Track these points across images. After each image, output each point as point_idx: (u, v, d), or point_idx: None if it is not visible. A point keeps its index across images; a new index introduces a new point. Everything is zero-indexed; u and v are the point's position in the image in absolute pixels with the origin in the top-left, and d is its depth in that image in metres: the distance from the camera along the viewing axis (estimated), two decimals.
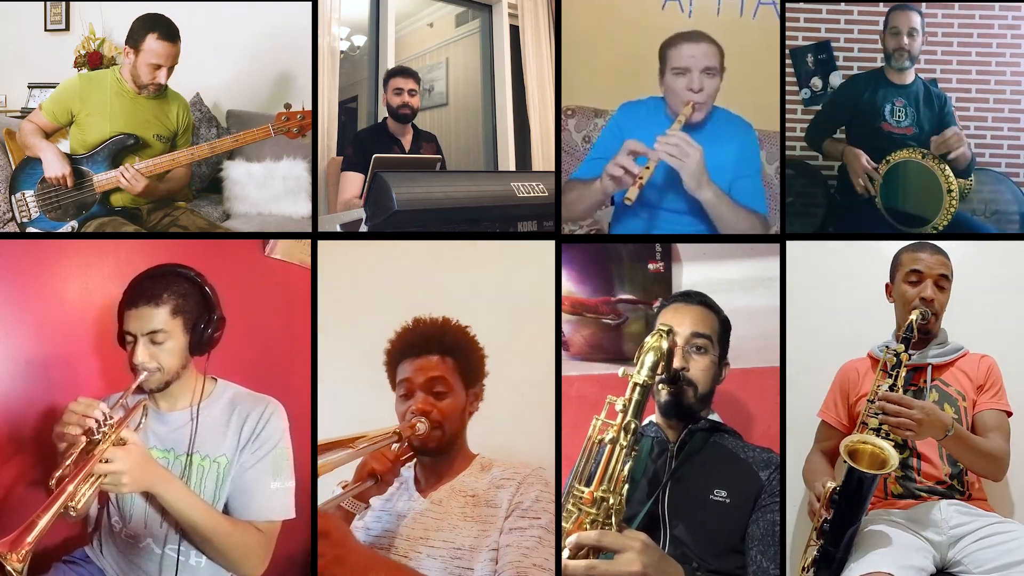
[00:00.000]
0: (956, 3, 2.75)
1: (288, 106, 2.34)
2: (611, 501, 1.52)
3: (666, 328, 1.74)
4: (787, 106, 2.76)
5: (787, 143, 2.55)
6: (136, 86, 2.36)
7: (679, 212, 2.14)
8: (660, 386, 1.79)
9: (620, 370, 1.66)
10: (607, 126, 2.32)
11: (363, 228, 2.23)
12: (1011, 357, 2.03)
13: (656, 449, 1.80)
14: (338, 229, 2.37)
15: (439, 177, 2.55)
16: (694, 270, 2.27)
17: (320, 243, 2.10)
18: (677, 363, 1.77)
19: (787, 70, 2.74)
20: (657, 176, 2.05)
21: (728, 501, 1.71)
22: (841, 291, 2.21)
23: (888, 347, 1.92)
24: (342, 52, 3.31)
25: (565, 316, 2.24)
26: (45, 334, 2.04)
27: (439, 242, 2.15)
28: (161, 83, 2.35)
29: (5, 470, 1.95)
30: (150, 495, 1.69)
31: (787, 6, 2.55)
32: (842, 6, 2.75)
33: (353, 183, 2.85)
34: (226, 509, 1.77)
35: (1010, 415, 1.95)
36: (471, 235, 2.24)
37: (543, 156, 3.78)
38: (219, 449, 1.77)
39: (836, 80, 2.79)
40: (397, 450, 1.71)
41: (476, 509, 1.69)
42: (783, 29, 2.42)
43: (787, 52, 2.67)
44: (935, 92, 2.49)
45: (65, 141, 2.42)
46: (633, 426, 1.58)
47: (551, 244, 2.11)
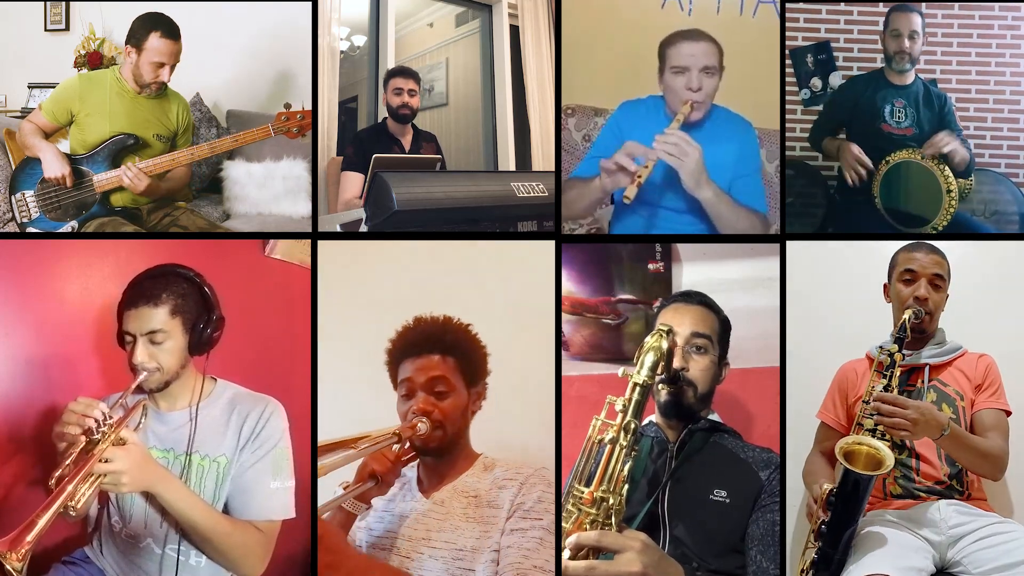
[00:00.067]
0: (956, 3, 2.74)
1: (288, 106, 2.34)
2: (611, 501, 1.52)
3: (666, 328, 1.73)
4: (787, 106, 2.75)
5: (787, 143, 2.55)
6: (138, 85, 2.36)
7: (678, 211, 2.14)
8: (660, 386, 1.79)
9: (620, 370, 1.65)
10: (606, 125, 2.31)
11: (363, 228, 2.23)
12: (1010, 357, 2.03)
13: (656, 449, 1.80)
14: (338, 229, 2.37)
15: (439, 177, 2.55)
16: (694, 270, 2.27)
17: (320, 243, 2.10)
18: (677, 363, 1.77)
19: (787, 70, 2.73)
20: (656, 175, 2.05)
21: (728, 501, 1.71)
22: (841, 291, 2.21)
23: (882, 347, 1.92)
24: (342, 52, 3.30)
25: (565, 316, 2.24)
26: (45, 334, 2.04)
27: (439, 242, 2.15)
28: (164, 81, 2.35)
29: (5, 470, 1.95)
30: (150, 495, 1.69)
31: (787, 6, 2.55)
32: (842, 6, 2.75)
33: (353, 183, 2.85)
34: (226, 509, 1.77)
35: (1009, 414, 1.95)
36: (471, 235, 2.24)
37: (543, 156, 3.78)
38: (219, 449, 1.77)
39: (836, 80, 2.78)
40: (398, 451, 1.71)
41: (478, 510, 1.68)
42: (783, 29, 2.42)
43: (787, 52, 2.66)
44: (935, 92, 2.49)
45: (65, 141, 2.42)
46: (633, 426, 1.58)
47: (551, 244, 2.11)
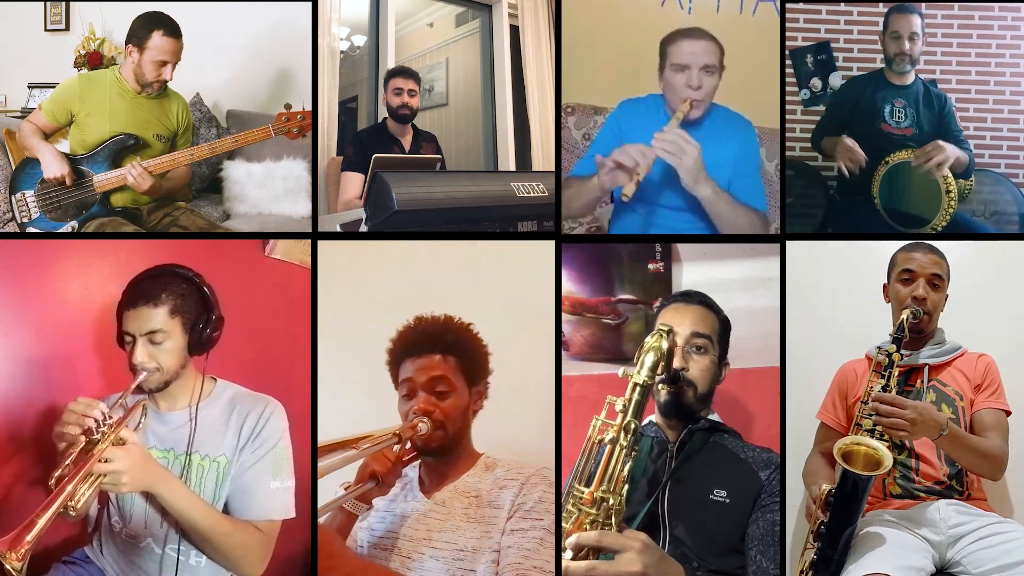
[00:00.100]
0: (956, 4, 2.74)
1: (288, 106, 2.34)
2: (611, 501, 1.52)
3: (666, 328, 1.73)
4: (787, 106, 2.75)
5: (787, 143, 2.55)
6: (139, 85, 2.35)
7: (677, 209, 2.14)
8: (660, 386, 1.79)
9: (620, 370, 1.65)
10: (606, 123, 2.31)
11: (363, 228, 2.23)
12: (1010, 357, 2.03)
13: (656, 449, 1.80)
14: (338, 229, 2.37)
15: (439, 177, 2.55)
16: (694, 270, 2.27)
17: (320, 243, 2.10)
18: (677, 363, 1.77)
19: (787, 70, 2.73)
20: (655, 173, 2.05)
21: (728, 501, 1.71)
22: (841, 291, 2.21)
23: (880, 348, 1.92)
24: (342, 52, 3.30)
25: (565, 316, 2.24)
26: (45, 334, 2.04)
27: (439, 242, 2.15)
28: (166, 79, 2.35)
29: (5, 470, 1.95)
30: (150, 495, 1.69)
31: (787, 6, 2.54)
32: (842, 6, 2.75)
33: (353, 183, 2.85)
34: (226, 509, 1.77)
35: (1009, 414, 1.95)
36: (471, 235, 2.24)
37: (543, 156, 3.78)
38: (219, 449, 1.77)
39: (836, 81, 2.78)
40: (398, 451, 1.71)
41: (479, 510, 1.68)
42: (783, 29, 2.41)
43: (787, 52, 2.66)
44: (935, 93, 2.49)
45: (65, 141, 2.41)
46: (633, 426, 1.57)
47: (551, 244, 2.11)
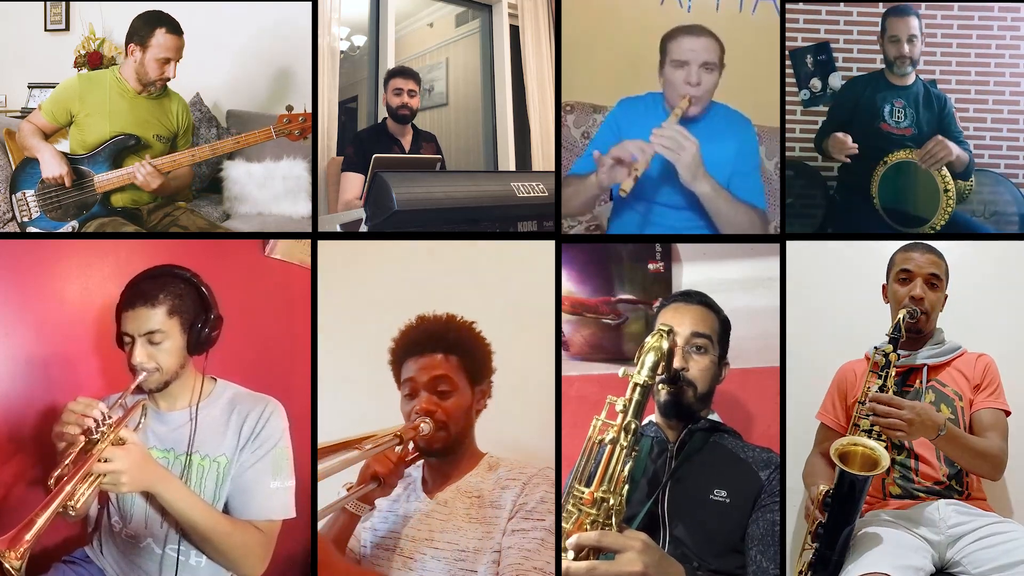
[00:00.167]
0: (955, 4, 2.74)
1: (290, 108, 2.34)
2: (611, 501, 1.52)
3: (666, 328, 1.73)
4: (787, 107, 2.75)
5: (787, 143, 2.55)
6: (140, 84, 2.35)
7: (676, 207, 2.14)
8: (660, 386, 1.79)
9: (620, 370, 1.65)
10: (605, 121, 2.31)
11: (363, 228, 2.23)
12: (1010, 357, 2.03)
13: (656, 449, 1.80)
14: (338, 229, 2.37)
15: (439, 177, 2.55)
16: (694, 270, 2.27)
17: (320, 243, 2.10)
18: (677, 363, 1.77)
19: (787, 70, 2.73)
20: (653, 170, 2.05)
21: (728, 501, 1.71)
22: (841, 291, 2.21)
23: (877, 348, 1.92)
24: (342, 52, 3.30)
25: (565, 316, 2.24)
26: (45, 334, 2.04)
27: (439, 242, 2.15)
28: (170, 77, 2.34)
29: (5, 469, 1.95)
30: (150, 495, 1.69)
31: (787, 7, 2.54)
32: (841, 7, 2.75)
33: (353, 184, 2.85)
34: (226, 509, 1.77)
35: (1008, 414, 1.95)
36: (471, 235, 2.24)
37: (543, 156, 3.78)
38: (219, 449, 1.77)
39: (835, 81, 2.78)
40: (400, 452, 1.70)
41: (481, 510, 1.68)
42: (783, 29, 2.41)
43: (787, 53, 2.66)
44: (935, 94, 2.49)
45: (65, 141, 2.41)
46: (633, 426, 1.57)
47: (551, 244, 2.11)
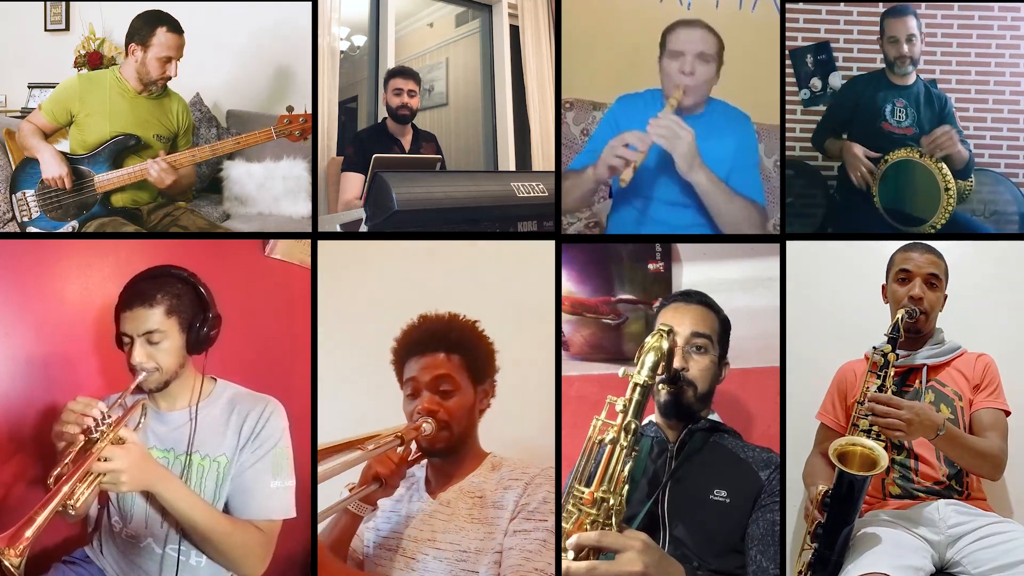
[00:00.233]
0: (955, 4, 2.74)
1: (290, 109, 2.34)
2: (611, 502, 1.52)
3: (666, 328, 1.73)
4: (787, 106, 2.75)
5: (787, 143, 2.55)
6: (141, 84, 2.35)
7: (675, 204, 2.14)
8: (660, 386, 1.79)
9: (620, 370, 1.65)
10: (604, 118, 2.31)
11: (363, 228, 2.23)
12: (1010, 357, 2.03)
13: (656, 449, 1.80)
14: (338, 229, 2.37)
15: (439, 177, 2.55)
16: (694, 270, 2.27)
17: (320, 243, 2.10)
18: (677, 363, 1.77)
19: (787, 70, 2.73)
20: (651, 162, 2.06)
21: (728, 501, 1.71)
22: (841, 291, 2.21)
23: (876, 348, 1.92)
24: (342, 52, 3.30)
25: (565, 316, 2.24)
26: (45, 334, 2.04)
27: (439, 242, 2.15)
28: (171, 76, 2.34)
29: (5, 469, 1.96)
30: (150, 495, 1.69)
31: (787, 6, 2.54)
32: (841, 6, 2.75)
33: (353, 184, 2.85)
34: (226, 509, 1.77)
35: (1008, 414, 1.95)
36: (471, 235, 2.24)
37: (543, 156, 3.78)
38: (219, 449, 1.77)
39: (836, 81, 2.78)
40: (402, 452, 1.69)
41: (483, 511, 1.67)
42: (783, 29, 2.41)
43: (787, 52, 2.66)
44: (936, 93, 2.49)
45: (65, 141, 2.41)
46: (633, 426, 1.57)
47: (551, 244, 2.11)
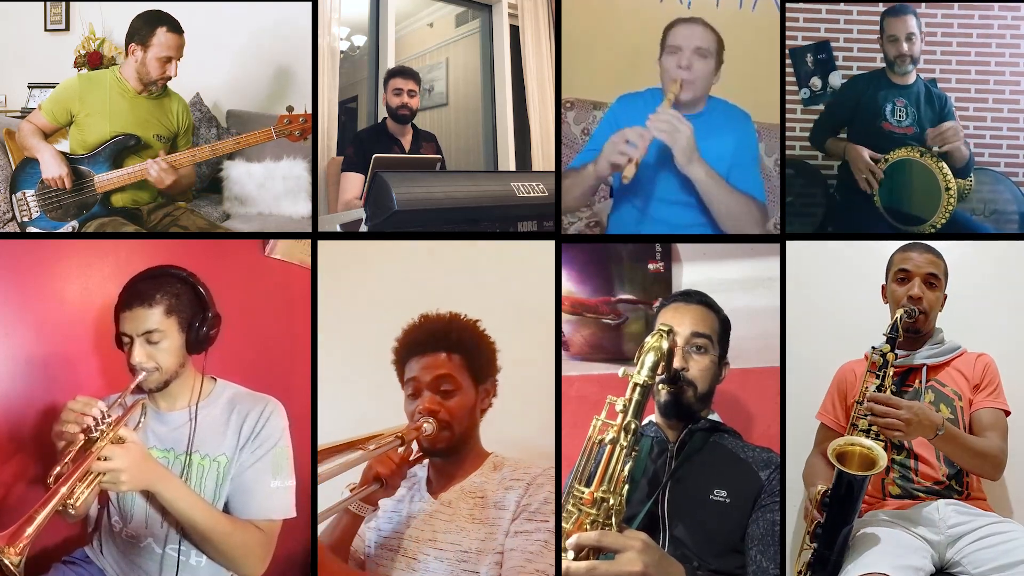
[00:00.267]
0: (955, 3, 2.74)
1: (290, 109, 2.34)
2: (611, 501, 1.52)
3: (666, 328, 1.73)
4: (787, 105, 2.75)
5: (787, 142, 2.55)
6: (141, 84, 2.35)
7: (676, 202, 2.14)
8: (660, 386, 1.79)
9: (620, 370, 1.65)
10: (604, 117, 2.31)
11: (363, 228, 2.23)
12: (1010, 357, 2.03)
13: (656, 449, 1.80)
14: (338, 229, 2.37)
15: (439, 177, 2.55)
16: (694, 270, 2.27)
17: (320, 243, 2.10)
18: (677, 363, 1.77)
19: (787, 69, 2.73)
20: (651, 158, 2.06)
21: (728, 501, 1.71)
22: (841, 291, 2.21)
23: (874, 348, 1.92)
24: (342, 52, 3.30)
25: (565, 316, 2.24)
26: (45, 334, 2.04)
27: (439, 242, 2.15)
28: (171, 76, 2.34)
29: (5, 469, 1.96)
30: (150, 494, 1.69)
31: (787, 5, 2.54)
32: (841, 6, 2.75)
33: (353, 184, 2.85)
34: (226, 509, 1.77)
35: (1008, 414, 1.95)
36: (471, 235, 2.24)
37: (543, 156, 3.78)
38: (219, 448, 1.77)
39: (836, 80, 2.78)
40: (403, 452, 1.69)
41: (484, 511, 1.67)
42: (783, 28, 2.41)
43: (787, 51, 2.66)
44: (936, 93, 2.49)
45: (65, 141, 2.41)
46: (633, 426, 1.57)
47: (551, 244, 2.11)
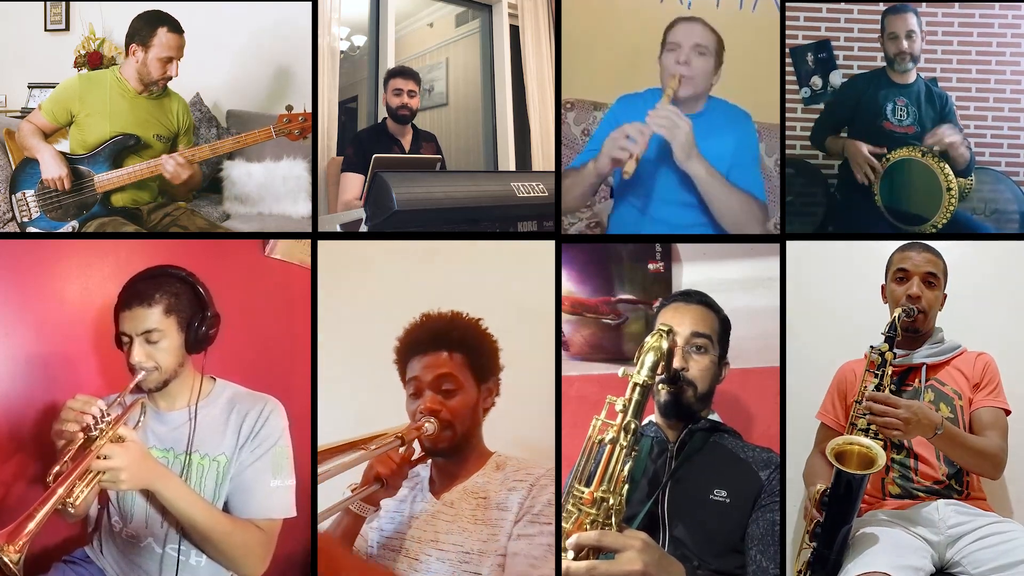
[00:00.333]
0: (956, 2, 2.74)
1: (290, 108, 2.34)
2: (611, 501, 1.52)
3: (666, 328, 1.73)
4: (787, 104, 2.75)
5: (787, 141, 2.55)
6: (142, 84, 2.35)
7: (681, 204, 2.14)
8: (660, 386, 1.79)
9: (620, 370, 1.65)
10: (604, 118, 2.31)
11: (363, 228, 2.23)
12: (1010, 357, 2.03)
13: (656, 449, 1.80)
14: (338, 229, 2.37)
15: (439, 177, 2.55)
16: (694, 270, 2.27)
17: (320, 243, 2.10)
18: (677, 363, 1.77)
19: (787, 68, 2.73)
20: (651, 154, 2.07)
21: (728, 501, 1.71)
22: (841, 291, 2.21)
23: (873, 347, 1.92)
24: (342, 52, 3.30)
25: (565, 316, 2.24)
26: (45, 334, 2.04)
27: (439, 242, 2.15)
28: (172, 76, 2.34)
29: (5, 468, 1.96)
30: (150, 494, 1.69)
31: (787, 4, 2.54)
32: (842, 5, 2.75)
33: (353, 185, 2.85)
34: (226, 509, 1.77)
35: (1008, 413, 1.94)
36: (471, 235, 2.24)
37: (543, 156, 3.78)
38: (218, 448, 1.77)
39: (836, 79, 2.78)
40: (403, 452, 1.68)
41: (486, 512, 1.66)
42: (783, 27, 2.40)
43: (787, 51, 2.66)
44: (936, 92, 2.49)
45: (65, 141, 2.41)
46: (633, 426, 1.57)
47: (551, 244, 2.11)
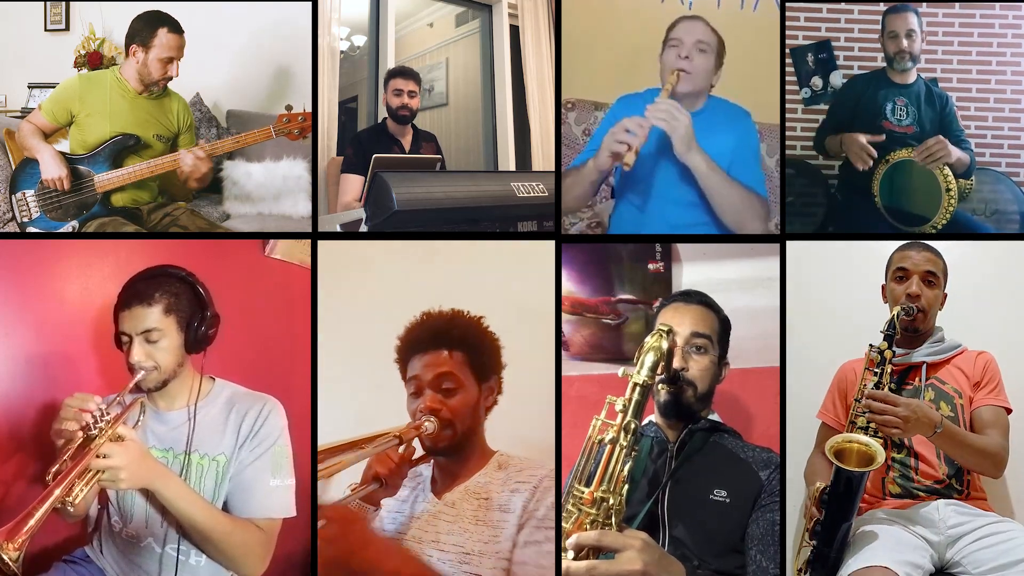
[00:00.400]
0: (956, 2, 2.74)
1: (289, 108, 2.34)
2: (611, 501, 1.52)
3: (666, 328, 1.73)
4: (787, 104, 2.75)
5: (787, 142, 2.54)
6: (142, 84, 2.35)
7: (681, 203, 2.14)
8: (660, 386, 1.79)
9: (620, 370, 1.65)
10: (605, 118, 2.32)
11: (363, 228, 2.23)
12: (1011, 356, 2.03)
13: (656, 449, 1.80)
14: (338, 229, 2.37)
15: (439, 177, 2.55)
16: (694, 270, 2.27)
17: (320, 243, 2.10)
18: (677, 363, 1.77)
19: (787, 68, 2.73)
20: (654, 163, 2.07)
21: (728, 501, 1.71)
22: (841, 291, 2.21)
23: (872, 345, 1.92)
24: (342, 52, 3.30)
25: (565, 316, 2.24)
26: (45, 334, 2.04)
27: (439, 242, 2.15)
28: (172, 76, 2.34)
29: (5, 468, 1.96)
30: (150, 494, 1.69)
31: (787, 5, 2.54)
32: (842, 5, 2.75)
33: (353, 186, 2.85)
34: (226, 508, 1.77)
35: (1010, 412, 1.95)
36: (471, 235, 2.24)
37: (543, 156, 3.78)
38: (218, 448, 1.77)
39: (836, 79, 2.78)
40: (403, 452, 1.68)
41: (488, 513, 1.65)
42: (783, 27, 2.40)
43: (787, 51, 2.66)
44: (936, 92, 2.49)
45: (65, 141, 2.42)
46: (633, 426, 1.57)
47: (551, 244, 2.11)
